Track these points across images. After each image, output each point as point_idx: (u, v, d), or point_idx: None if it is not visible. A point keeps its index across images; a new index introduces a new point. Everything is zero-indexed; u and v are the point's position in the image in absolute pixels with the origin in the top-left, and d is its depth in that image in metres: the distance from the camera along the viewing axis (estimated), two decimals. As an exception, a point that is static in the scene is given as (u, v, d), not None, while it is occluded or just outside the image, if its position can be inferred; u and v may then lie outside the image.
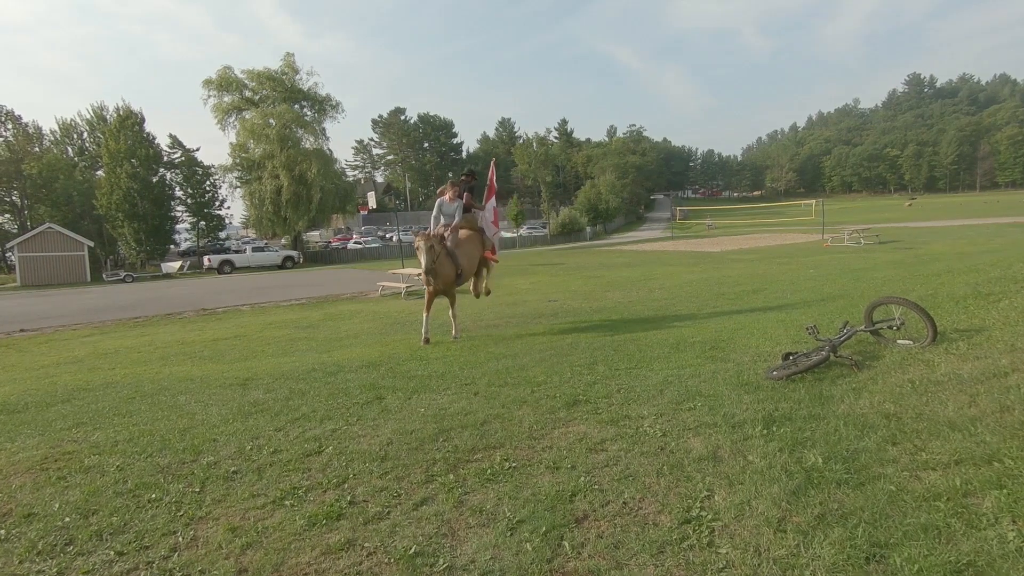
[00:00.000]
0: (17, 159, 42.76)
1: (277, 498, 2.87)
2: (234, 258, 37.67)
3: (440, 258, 7.43)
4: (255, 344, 9.49)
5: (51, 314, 16.29)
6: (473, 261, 8.16)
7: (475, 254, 8.22)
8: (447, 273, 7.58)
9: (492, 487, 2.86)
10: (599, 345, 6.43)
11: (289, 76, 42.13)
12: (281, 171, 40.33)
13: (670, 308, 10.01)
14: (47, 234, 35.06)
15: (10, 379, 7.71)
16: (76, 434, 4.30)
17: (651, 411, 3.84)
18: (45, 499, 3.03)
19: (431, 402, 4.49)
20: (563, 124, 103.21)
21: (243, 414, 4.52)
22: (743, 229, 52.56)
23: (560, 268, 22.79)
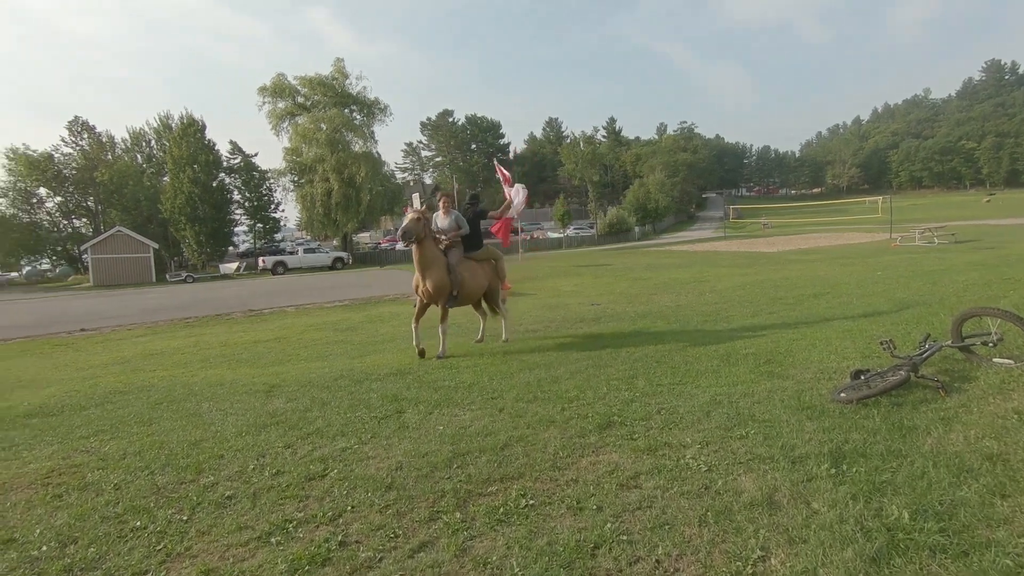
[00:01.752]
0: (92, 167, 45.52)
1: (265, 533, 2.58)
2: (287, 259, 38.74)
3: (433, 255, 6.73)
4: (292, 347, 9.44)
5: (112, 314, 17.01)
6: (475, 285, 7.22)
7: (479, 281, 7.30)
8: (438, 279, 6.70)
9: (503, 531, 2.46)
10: (641, 355, 5.93)
11: (339, 81, 43.04)
12: (331, 174, 41.23)
13: (721, 313, 9.33)
14: (117, 237, 37.09)
15: (59, 379, 7.90)
16: (92, 443, 4.19)
17: (695, 438, 3.35)
18: (32, 521, 2.85)
19: (452, 418, 4.15)
20: (611, 123, 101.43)
21: (258, 426, 4.30)
22: (801, 228, 50.04)
23: (606, 269, 22.14)
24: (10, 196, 44.16)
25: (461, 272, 6.96)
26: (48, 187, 45.85)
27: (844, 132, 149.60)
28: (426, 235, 6.68)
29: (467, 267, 7.11)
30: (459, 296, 7.00)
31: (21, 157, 43.93)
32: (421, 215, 6.65)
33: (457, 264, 6.95)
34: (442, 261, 6.84)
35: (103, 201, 46.34)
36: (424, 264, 6.69)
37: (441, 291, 6.76)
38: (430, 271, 6.70)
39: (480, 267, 7.37)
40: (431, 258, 6.72)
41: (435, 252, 6.82)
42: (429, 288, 6.72)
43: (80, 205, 47.58)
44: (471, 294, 7.24)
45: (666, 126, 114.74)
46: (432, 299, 6.83)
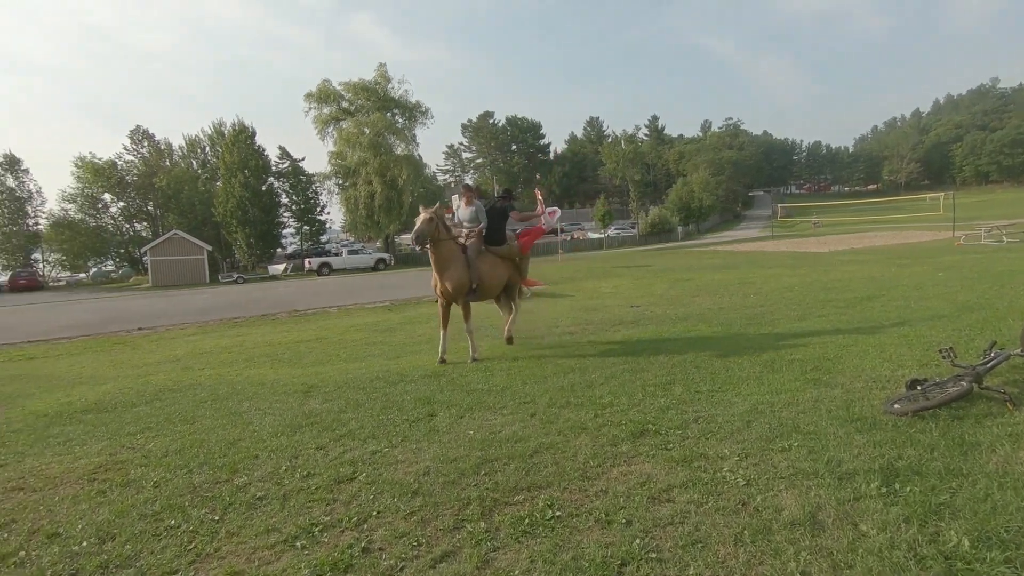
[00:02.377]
0: (151, 173, 47.94)
1: (291, 536, 2.59)
2: (332, 260, 39.75)
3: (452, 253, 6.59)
4: (332, 347, 9.62)
5: (167, 313, 17.81)
6: (494, 280, 7.08)
7: (499, 274, 7.12)
8: (457, 277, 6.54)
9: (527, 544, 2.39)
10: (679, 360, 5.75)
11: (382, 85, 43.87)
12: (374, 177, 42.09)
13: (766, 317, 8.98)
14: (173, 239, 38.91)
15: (115, 376, 8.28)
16: (138, 440, 4.34)
17: (733, 450, 3.20)
18: (75, 517, 2.96)
19: (483, 423, 4.10)
20: (654, 120, 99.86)
21: (293, 427, 4.37)
22: (855, 226, 47.95)
23: (647, 270, 21.74)
24: (78, 202, 46.96)
25: (480, 265, 6.77)
26: (112, 193, 48.52)
27: (902, 125, 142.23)
28: (440, 234, 6.52)
29: (486, 260, 6.92)
30: (479, 289, 6.80)
31: (88, 165, 46.66)
32: (433, 215, 6.47)
33: (476, 257, 6.76)
34: (460, 258, 6.65)
35: (161, 206, 48.72)
36: (441, 264, 6.54)
37: (460, 289, 6.59)
38: (448, 270, 6.55)
39: (501, 260, 7.22)
40: (448, 257, 6.56)
41: (452, 250, 6.62)
42: (448, 287, 6.56)
43: (141, 209, 50.14)
44: (491, 287, 7.04)
45: (711, 123, 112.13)
46: (451, 298, 6.67)
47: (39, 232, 47.67)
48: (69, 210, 46.77)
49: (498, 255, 7.17)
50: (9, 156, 47.32)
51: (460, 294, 6.62)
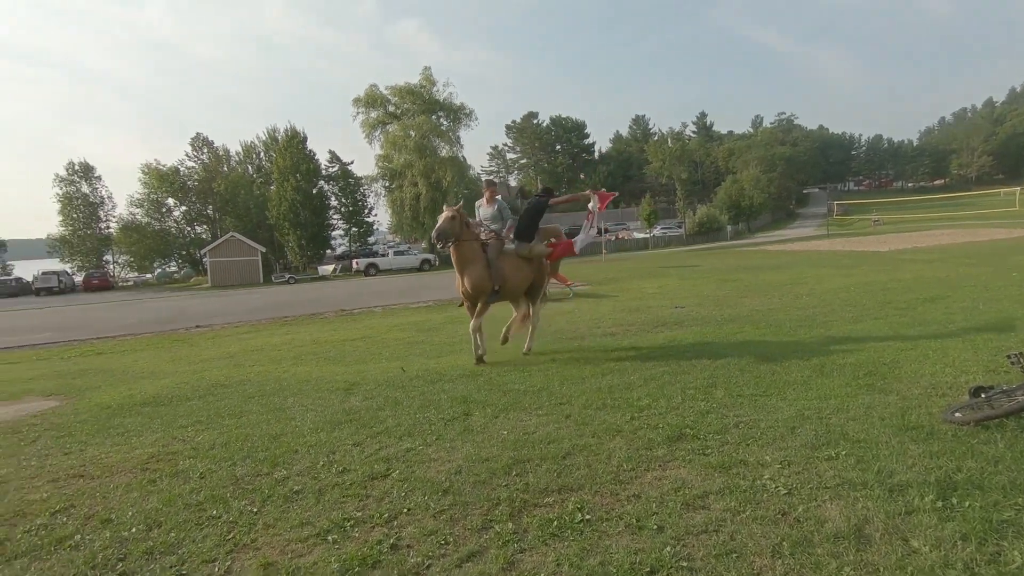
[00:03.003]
0: (210, 178, 50.35)
1: (323, 530, 2.64)
2: (378, 261, 40.67)
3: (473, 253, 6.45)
4: (376, 346, 9.81)
5: (224, 312, 18.62)
6: (518, 281, 6.83)
7: (523, 275, 6.90)
8: (477, 277, 6.40)
9: (554, 546, 2.36)
10: (722, 363, 5.56)
11: (427, 88, 44.64)
12: (419, 179, 42.86)
13: (818, 319, 8.59)
14: (230, 241, 40.72)
15: (173, 371, 8.70)
16: (188, 433, 4.54)
17: (775, 457, 3.06)
18: (127, 504, 3.11)
19: (517, 423, 4.08)
20: (702, 117, 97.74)
21: (333, 423, 4.47)
22: (920, 224, 45.39)
23: (693, 270, 21.22)
24: (145, 206, 49.82)
25: (503, 265, 6.61)
26: (175, 197, 51.26)
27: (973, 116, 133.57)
28: (463, 233, 6.42)
29: (509, 261, 6.75)
30: (501, 291, 6.66)
31: (153, 171, 49.45)
32: (456, 213, 6.40)
33: (497, 258, 6.60)
34: (481, 258, 6.51)
35: (219, 209, 51.09)
36: (462, 263, 6.45)
37: (480, 289, 6.47)
38: (469, 269, 6.44)
39: (525, 261, 6.97)
40: (469, 256, 6.45)
41: (473, 249, 6.51)
42: (468, 287, 6.48)
43: (201, 213, 52.72)
44: (515, 288, 6.88)
45: (762, 119, 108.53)
46: (472, 298, 6.57)
47: (110, 235, 50.81)
48: (136, 214, 49.76)
49: (521, 256, 6.93)
50: (83, 164, 50.69)
51: (480, 294, 6.51)
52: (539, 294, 7.30)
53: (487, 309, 6.69)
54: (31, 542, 2.74)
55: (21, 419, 5.56)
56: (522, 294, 7.15)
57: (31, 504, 3.21)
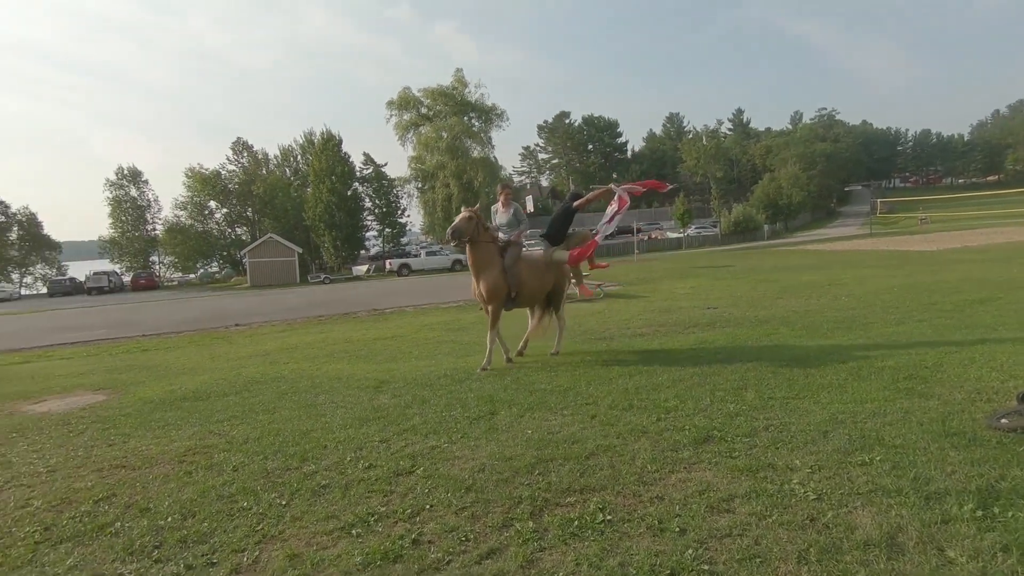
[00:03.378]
0: (250, 181, 51.86)
1: (348, 524, 2.70)
2: (411, 262, 41.16)
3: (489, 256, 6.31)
4: (406, 345, 9.94)
5: (261, 311, 19.15)
6: (536, 285, 6.63)
7: (542, 279, 6.68)
8: (492, 280, 6.24)
9: (574, 546, 2.35)
10: (754, 365, 5.44)
11: (459, 90, 45.02)
12: (451, 180, 43.27)
13: (858, 320, 8.32)
14: (268, 242, 41.86)
15: (213, 368, 9.00)
16: (224, 427, 4.69)
17: (806, 461, 2.98)
18: (164, 494, 3.24)
19: (542, 423, 4.08)
20: (738, 114, 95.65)
21: (361, 420, 4.55)
22: (971, 222, 43.41)
23: (727, 271, 20.80)
24: (188, 209, 51.64)
25: (520, 271, 6.42)
26: (216, 200, 52.98)
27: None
28: (479, 235, 6.31)
29: (527, 265, 6.57)
30: (518, 297, 6.49)
31: (196, 175, 51.23)
32: (473, 214, 6.31)
33: (514, 264, 6.41)
34: (497, 262, 6.34)
35: (258, 211, 52.58)
36: (478, 265, 6.32)
37: (495, 293, 6.29)
38: (484, 272, 6.31)
39: (544, 266, 6.78)
40: (485, 259, 6.32)
41: (489, 252, 6.36)
42: (483, 291, 6.34)
43: (241, 215, 54.34)
44: (532, 294, 6.69)
45: (801, 114, 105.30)
46: (487, 302, 6.40)
47: (156, 237, 52.86)
48: (181, 216, 51.60)
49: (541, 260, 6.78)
50: (132, 169, 52.90)
51: (494, 298, 6.32)
52: (561, 299, 7.10)
53: (499, 316, 6.44)
54: (75, 528, 2.88)
55: (71, 412, 5.84)
56: (540, 301, 6.96)
57: (77, 492, 3.37)
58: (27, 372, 9.56)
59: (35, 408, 6.27)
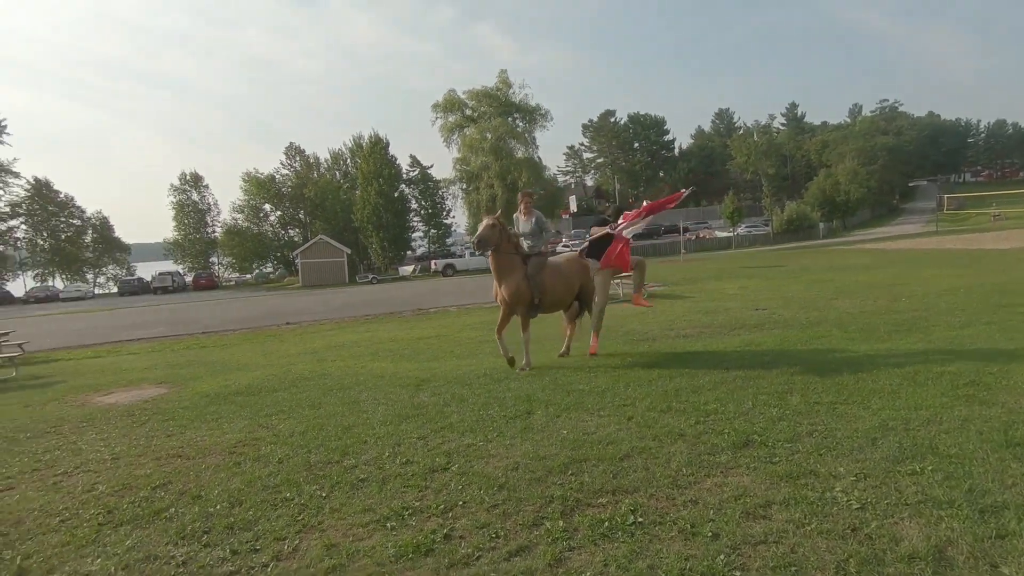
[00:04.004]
0: (302, 184, 53.72)
1: (384, 517, 2.78)
2: (455, 262, 41.67)
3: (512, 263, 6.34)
4: (449, 344, 10.09)
5: (311, 310, 19.82)
6: (561, 291, 6.63)
7: (567, 285, 6.68)
8: (515, 286, 6.27)
9: (603, 547, 2.34)
10: (801, 368, 5.25)
11: (503, 91, 45.24)
12: (495, 180, 43.52)
13: (918, 323, 7.90)
14: (319, 244, 43.25)
15: (265, 364, 9.39)
16: (272, 421, 4.90)
17: (850, 469, 2.87)
18: (215, 483, 3.41)
19: (578, 423, 4.07)
20: (792, 108, 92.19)
21: (401, 417, 4.65)
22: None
23: (779, 271, 20.10)
24: (245, 212, 53.96)
25: (544, 278, 6.43)
26: (271, 203, 55.15)
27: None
28: (502, 242, 6.34)
29: (552, 272, 6.56)
30: (542, 303, 6.49)
31: (252, 179, 53.49)
32: (496, 221, 6.36)
33: (538, 271, 6.42)
34: (519, 268, 6.37)
35: (310, 213, 54.39)
36: (500, 271, 6.36)
37: (517, 299, 6.33)
38: (507, 278, 6.33)
39: (570, 273, 6.76)
40: (508, 266, 6.35)
41: (512, 259, 6.41)
42: (505, 296, 6.36)
43: (294, 217, 56.40)
44: (557, 301, 6.69)
45: (861, 107, 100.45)
46: (510, 308, 6.43)
47: (215, 238, 55.46)
48: (238, 219, 53.98)
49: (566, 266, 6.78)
50: (193, 174, 55.73)
51: (517, 304, 6.37)
52: (590, 301, 7.05)
53: (528, 321, 6.51)
54: (134, 512, 3.08)
55: (135, 404, 6.22)
56: (566, 306, 6.99)
57: (137, 478, 3.60)
58: (98, 366, 10.23)
59: (104, 400, 6.72)
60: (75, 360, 11.48)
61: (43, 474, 3.89)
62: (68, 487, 3.58)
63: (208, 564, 2.46)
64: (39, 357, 11.98)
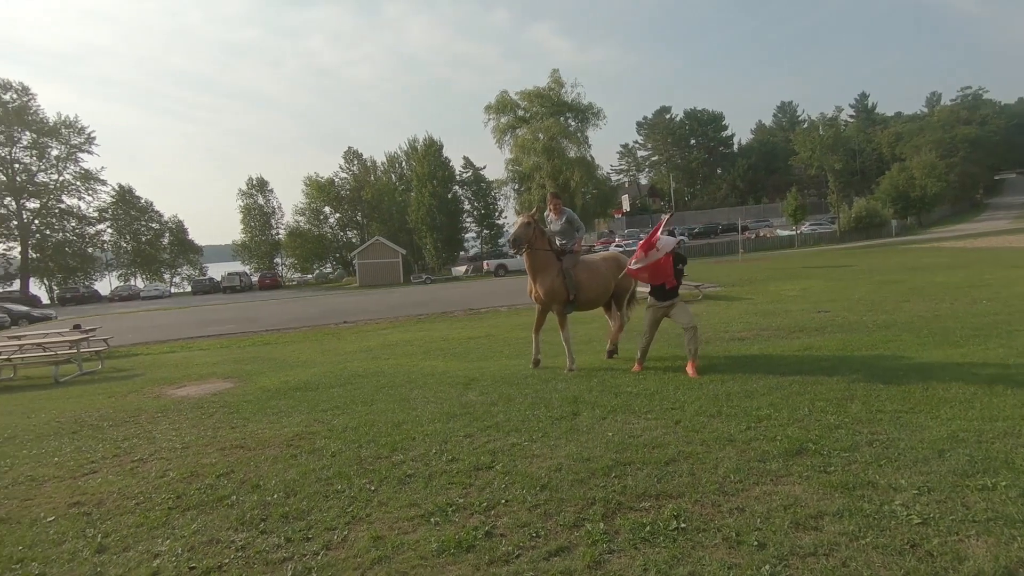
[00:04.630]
0: (360, 187, 55.43)
1: (428, 512, 2.85)
2: (507, 263, 41.86)
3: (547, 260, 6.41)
4: (498, 344, 10.18)
5: (367, 309, 20.43)
6: (596, 288, 6.66)
7: (602, 282, 6.69)
8: (550, 283, 6.35)
9: (644, 551, 2.32)
10: (864, 375, 4.99)
11: (555, 91, 45.05)
12: (547, 181, 43.37)
13: (1000, 327, 7.34)
14: (375, 245, 44.49)
15: (323, 361, 9.77)
16: (327, 416, 5.10)
17: (913, 482, 2.71)
18: (272, 473, 3.60)
19: (624, 426, 4.03)
20: (862, 98, 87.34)
21: (449, 415, 4.75)
22: None
23: (845, 271, 19.12)
24: (306, 214, 56.19)
25: (578, 275, 6.48)
26: (330, 206, 57.16)
27: None
28: (536, 240, 6.41)
29: (585, 268, 6.60)
30: (577, 300, 6.54)
31: (313, 183, 55.67)
32: (531, 219, 6.42)
33: (573, 267, 6.48)
34: (554, 266, 6.44)
35: (367, 215, 56.03)
36: (535, 269, 6.45)
37: (553, 296, 6.41)
38: (541, 276, 6.42)
39: (607, 268, 6.78)
40: (542, 264, 6.42)
41: (547, 257, 6.48)
42: (540, 293, 6.45)
43: (352, 219, 58.25)
44: (593, 298, 6.73)
45: (939, 95, 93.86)
46: (545, 305, 6.52)
47: (279, 240, 58.03)
48: (300, 221, 56.26)
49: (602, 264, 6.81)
50: (259, 179, 58.54)
51: (553, 301, 6.45)
52: (625, 299, 7.11)
53: (566, 319, 6.61)
54: (200, 498, 3.29)
55: (204, 397, 6.62)
56: (601, 304, 7.03)
57: (203, 467, 3.84)
58: (172, 361, 10.94)
59: (176, 392, 7.18)
60: (153, 355, 12.31)
61: (122, 460, 4.21)
62: (143, 472, 3.86)
63: (264, 550, 2.61)
64: (121, 351, 12.94)
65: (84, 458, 4.31)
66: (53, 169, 50.60)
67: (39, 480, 3.89)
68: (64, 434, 5.15)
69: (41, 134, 48.94)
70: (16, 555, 2.77)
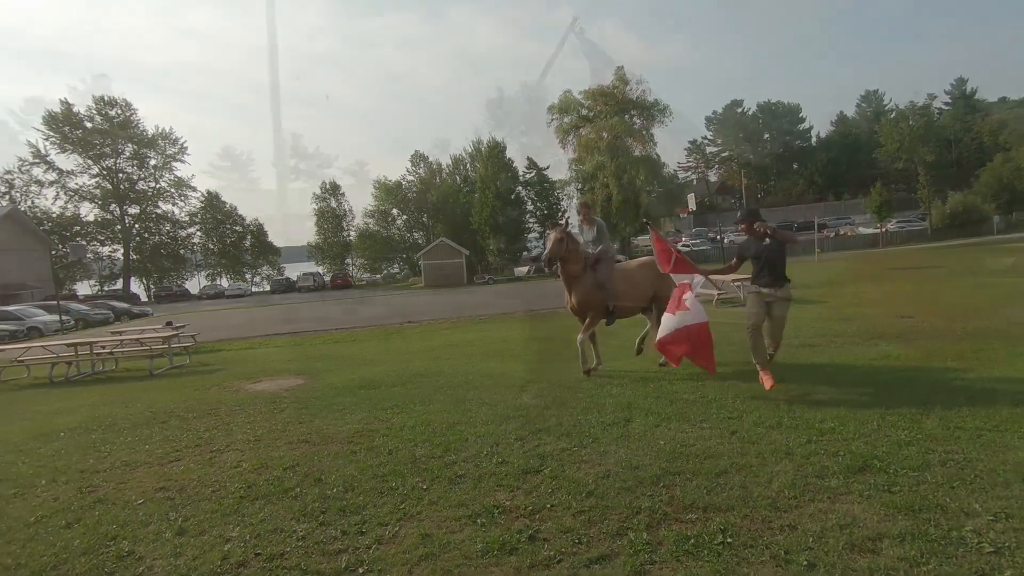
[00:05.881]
0: (425, 189, 56.88)
1: (475, 513, 2.94)
2: (569, 263, 41.73)
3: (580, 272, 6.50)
4: (557, 347, 10.16)
5: (431, 309, 20.97)
6: (635, 295, 6.69)
7: (641, 290, 6.70)
8: (583, 294, 6.49)
9: (686, 564, 2.29)
10: (945, 386, 4.65)
11: (619, 89, 44.38)
12: (610, 180, 42.85)
13: (1113, 337, 6.59)
14: (440, 246, 45.55)
15: (388, 359, 10.14)
16: (386, 415, 5.32)
17: (988, 506, 2.53)
18: (333, 468, 3.81)
19: (677, 434, 3.97)
20: (959, 84, 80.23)
21: (502, 418, 4.83)
22: None
23: (935, 272, 17.73)
24: (375, 216, 58.29)
25: (616, 284, 6.55)
26: (398, 208, 58.99)
27: None
28: (570, 253, 6.50)
29: (622, 277, 6.67)
30: (617, 310, 6.64)
31: (383, 186, 57.67)
32: (564, 235, 6.52)
33: (608, 278, 6.54)
34: (588, 277, 6.54)
35: (433, 217, 57.39)
36: (569, 280, 6.57)
37: (586, 306, 6.53)
38: (576, 287, 6.55)
39: (643, 275, 6.77)
40: (576, 275, 6.54)
41: (580, 269, 6.57)
42: (575, 303, 6.61)
43: (418, 221, 59.85)
44: (631, 307, 6.80)
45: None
46: (580, 314, 6.67)
47: (350, 242, 60.51)
48: (369, 223, 58.43)
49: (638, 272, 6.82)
50: (332, 183, 61.26)
51: (587, 310, 6.56)
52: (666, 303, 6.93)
53: (594, 324, 6.66)
54: (268, 489, 3.54)
55: (277, 392, 7.06)
56: (640, 311, 7.03)
57: (272, 459, 4.12)
58: (251, 356, 11.70)
59: (253, 387, 7.69)
60: (234, 351, 13.20)
61: (202, 449, 4.58)
62: (220, 462, 4.19)
63: (322, 541, 2.78)
64: (207, 347, 13.95)
65: (171, 447, 4.72)
66: (151, 177, 55.20)
67: (132, 465, 4.31)
68: (155, 423, 5.65)
69: (141, 145, 53.51)
70: (111, 533, 3.09)
